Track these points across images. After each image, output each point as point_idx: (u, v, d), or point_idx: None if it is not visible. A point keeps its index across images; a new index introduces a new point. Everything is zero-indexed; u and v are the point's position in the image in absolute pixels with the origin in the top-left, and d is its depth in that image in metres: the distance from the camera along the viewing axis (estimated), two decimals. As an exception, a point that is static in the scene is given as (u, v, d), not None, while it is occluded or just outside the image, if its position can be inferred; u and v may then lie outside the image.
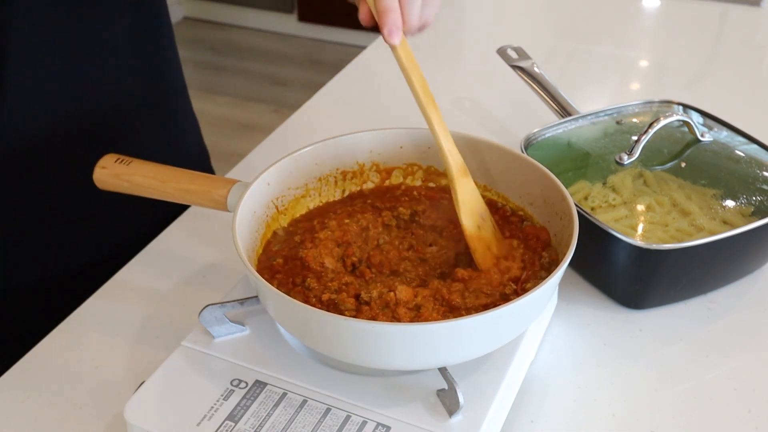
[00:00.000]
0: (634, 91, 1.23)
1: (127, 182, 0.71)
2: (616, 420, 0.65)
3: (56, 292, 0.85)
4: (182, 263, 0.83)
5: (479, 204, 0.67)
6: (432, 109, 0.65)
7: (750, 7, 1.48)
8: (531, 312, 0.60)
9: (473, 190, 0.67)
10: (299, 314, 0.57)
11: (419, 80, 0.64)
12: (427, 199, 0.74)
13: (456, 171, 0.66)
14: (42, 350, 0.72)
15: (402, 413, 0.58)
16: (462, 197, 0.66)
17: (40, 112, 0.79)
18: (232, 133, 2.96)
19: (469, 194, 0.66)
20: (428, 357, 0.57)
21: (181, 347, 0.64)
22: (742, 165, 0.82)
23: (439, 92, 1.17)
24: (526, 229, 0.69)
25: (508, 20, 1.46)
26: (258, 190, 0.68)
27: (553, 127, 0.87)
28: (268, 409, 0.59)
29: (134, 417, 0.58)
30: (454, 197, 0.66)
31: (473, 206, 0.66)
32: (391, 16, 0.61)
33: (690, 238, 0.73)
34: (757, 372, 0.70)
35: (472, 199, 0.66)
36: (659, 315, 0.76)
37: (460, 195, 0.66)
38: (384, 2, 0.61)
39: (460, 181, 0.66)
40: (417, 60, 0.64)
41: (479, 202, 0.67)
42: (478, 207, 0.67)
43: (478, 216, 0.66)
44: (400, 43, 0.62)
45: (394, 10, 0.61)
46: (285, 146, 0.68)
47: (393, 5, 0.61)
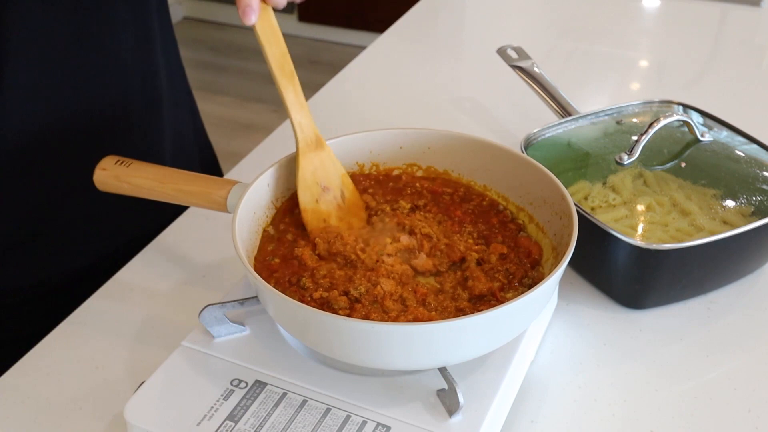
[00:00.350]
0: (634, 91, 1.23)
1: (127, 184, 0.71)
2: (616, 420, 0.65)
3: (56, 293, 0.85)
4: (182, 263, 0.83)
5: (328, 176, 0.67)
6: (286, 81, 0.65)
7: (750, 7, 1.48)
8: (531, 312, 0.60)
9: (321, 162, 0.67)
10: (299, 314, 0.57)
11: (276, 54, 0.64)
12: (429, 192, 0.74)
13: (303, 145, 0.66)
14: (42, 350, 0.72)
15: (402, 413, 0.58)
16: (302, 173, 0.66)
17: (40, 114, 0.79)
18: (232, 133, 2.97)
19: (312, 169, 0.67)
20: (428, 357, 0.57)
21: (181, 347, 0.64)
22: (742, 165, 0.82)
23: (439, 92, 1.18)
24: (521, 240, 0.69)
25: (508, 20, 1.46)
26: (258, 191, 0.68)
27: (553, 127, 0.87)
28: (268, 409, 0.59)
29: (134, 417, 0.58)
30: (295, 172, 0.67)
31: (314, 180, 0.67)
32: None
33: (690, 238, 0.73)
34: (757, 372, 0.70)
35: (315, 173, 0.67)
36: (659, 315, 0.76)
37: (300, 171, 0.67)
38: None
39: (305, 156, 0.67)
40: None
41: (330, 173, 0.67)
42: (323, 179, 0.67)
43: (318, 189, 0.67)
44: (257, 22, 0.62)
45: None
46: (285, 146, 0.68)
47: None
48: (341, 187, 0.68)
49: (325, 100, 1.16)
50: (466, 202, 0.73)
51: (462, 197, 0.74)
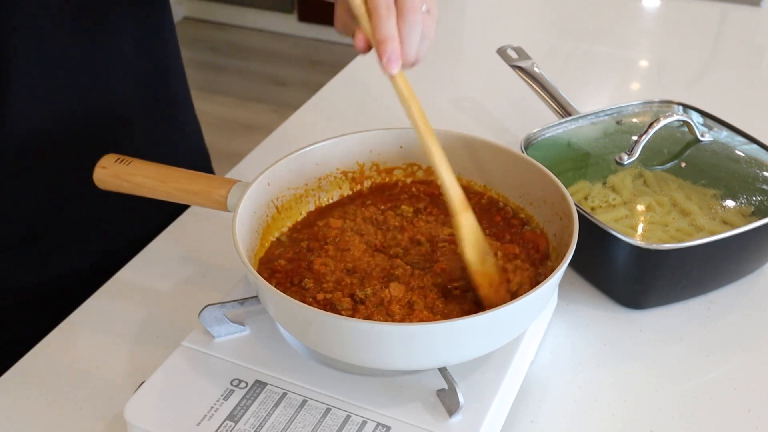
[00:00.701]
0: (634, 91, 1.23)
1: (128, 182, 0.71)
2: (616, 420, 0.65)
3: (58, 294, 0.85)
4: (182, 263, 0.83)
5: (483, 239, 0.64)
6: (432, 141, 0.62)
7: (750, 7, 1.48)
8: (531, 312, 0.60)
9: (475, 225, 0.63)
10: (299, 314, 0.57)
11: (418, 111, 0.61)
12: (426, 195, 0.74)
13: (458, 205, 0.63)
14: (42, 350, 0.72)
15: (402, 413, 0.58)
16: (465, 232, 0.62)
17: (42, 115, 0.79)
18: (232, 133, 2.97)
19: (472, 229, 0.63)
20: (428, 357, 0.57)
21: (181, 347, 0.64)
22: (742, 165, 0.82)
23: (439, 92, 1.18)
24: (526, 234, 0.69)
25: (508, 20, 1.46)
26: (258, 190, 0.68)
27: (553, 127, 0.87)
28: (268, 409, 0.59)
29: (134, 417, 0.58)
30: (456, 232, 0.63)
31: (476, 241, 0.63)
32: (391, 45, 0.58)
33: (690, 238, 0.73)
34: (757, 372, 0.70)
35: (475, 234, 0.63)
36: (659, 315, 0.76)
37: (464, 230, 0.62)
38: (383, 30, 0.58)
39: (462, 216, 0.63)
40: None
41: (482, 236, 0.64)
42: (481, 242, 0.63)
43: (482, 251, 0.63)
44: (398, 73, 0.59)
45: (393, 39, 0.58)
46: (285, 146, 0.68)
47: (393, 34, 0.58)
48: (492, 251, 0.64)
49: (325, 100, 1.16)
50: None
51: None
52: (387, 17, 0.58)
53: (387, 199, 0.75)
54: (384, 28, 0.58)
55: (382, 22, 0.58)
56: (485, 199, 0.74)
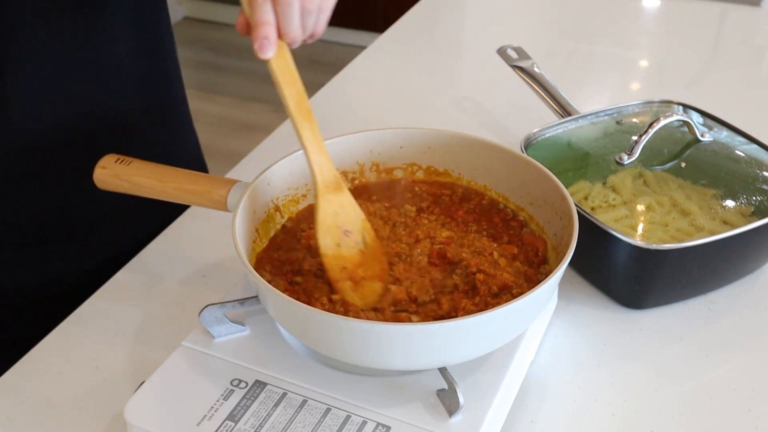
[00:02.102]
0: (634, 91, 1.23)
1: (128, 182, 0.71)
2: (616, 420, 0.65)
3: (59, 296, 0.85)
4: (182, 263, 0.83)
5: (349, 220, 0.64)
6: (305, 124, 0.62)
7: (750, 7, 1.48)
8: (531, 312, 0.60)
9: (341, 205, 0.63)
10: (299, 314, 0.57)
11: (293, 95, 0.61)
12: (429, 195, 0.74)
13: (323, 187, 0.63)
14: (42, 350, 0.72)
15: (402, 413, 0.58)
16: (321, 216, 0.63)
17: (41, 120, 0.79)
18: (232, 133, 2.96)
19: (332, 212, 0.63)
20: (428, 357, 0.57)
21: (181, 347, 0.64)
22: (742, 165, 0.82)
23: (439, 92, 1.18)
24: (525, 236, 0.69)
25: (508, 20, 1.46)
26: (258, 190, 0.68)
27: (553, 127, 0.87)
28: (268, 409, 0.59)
29: (134, 417, 0.58)
30: (314, 214, 0.63)
31: (334, 224, 0.63)
32: (263, 30, 0.58)
33: (690, 238, 0.73)
34: (757, 372, 0.70)
35: (335, 217, 0.63)
36: (659, 315, 0.76)
37: (320, 214, 0.63)
38: (257, 15, 0.58)
39: (324, 198, 0.63)
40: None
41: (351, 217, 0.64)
42: (344, 223, 0.63)
43: (339, 233, 0.63)
44: (274, 56, 0.59)
45: (267, 23, 0.58)
46: (285, 146, 0.68)
47: (266, 18, 0.58)
48: (363, 232, 0.65)
49: (325, 100, 1.16)
50: (466, 201, 0.73)
51: (461, 197, 0.74)
52: (261, 3, 0.58)
53: (391, 196, 0.74)
54: (257, 13, 0.59)
55: (257, 6, 0.58)
56: (486, 199, 0.74)
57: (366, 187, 0.76)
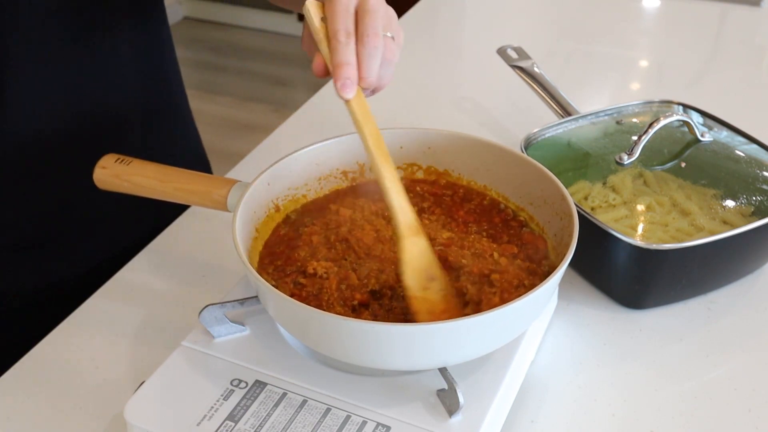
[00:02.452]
0: (634, 91, 1.23)
1: (128, 182, 0.71)
2: (616, 420, 0.65)
3: (60, 297, 0.85)
4: (182, 263, 0.83)
5: (430, 265, 0.63)
6: (386, 165, 0.61)
7: (750, 7, 1.48)
8: (531, 312, 0.60)
9: (424, 251, 0.62)
10: (299, 314, 0.57)
11: (373, 135, 0.61)
12: (430, 195, 0.74)
13: (406, 230, 0.62)
14: (42, 350, 0.72)
15: (402, 413, 0.58)
16: (408, 257, 0.62)
17: (41, 121, 0.79)
18: (232, 133, 2.96)
19: (417, 254, 0.62)
20: (428, 357, 0.57)
21: (181, 347, 0.64)
22: (742, 165, 0.82)
23: (439, 92, 1.18)
24: (525, 236, 0.69)
25: (508, 20, 1.46)
26: (258, 190, 0.68)
27: (553, 127, 0.87)
28: (268, 409, 0.59)
29: (134, 417, 0.58)
30: (399, 256, 0.62)
31: (420, 267, 0.62)
32: (346, 70, 0.58)
33: (690, 238, 0.73)
34: (757, 372, 0.70)
35: (420, 260, 0.62)
36: (659, 315, 0.76)
37: (406, 255, 0.62)
38: (340, 56, 0.58)
39: (408, 240, 0.62)
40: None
41: (431, 262, 0.63)
42: (427, 268, 0.63)
43: (425, 277, 0.62)
44: (353, 98, 0.59)
45: (349, 64, 0.58)
46: (285, 146, 0.68)
47: (349, 59, 0.58)
48: (441, 278, 0.63)
49: (326, 100, 1.16)
50: (467, 201, 0.73)
51: (462, 197, 0.74)
52: (345, 43, 0.58)
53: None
54: (341, 53, 0.58)
55: (340, 47, 0.58)
56: (487, 200, 0.74)
57: (369, 186, 0.76)
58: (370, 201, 0.73)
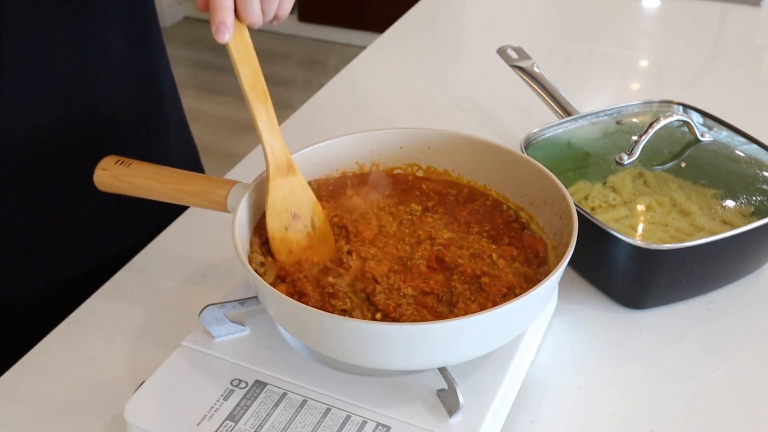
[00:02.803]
0: (634, 91, 1.23)
1: (128, 184, 0.71)
2: (616, 420, 0.65)
3: (56, 296, 0.84)
4: (182, 263, 0.83)
5: (299, 204, 0.65)
6: (260, 105, 0.63)
7: (750, 7, 1.48)
8: (531, 312, 0.60)
9: (292, 189, 0.65)
10: (299, 314, 0.57)
11: (248, 76, 0.62)
12: (435, 194, 0.74)
13: (274, 170, 0.64)
14: (42, 350, 0.72)
15: (402, 413, 0.58)
16: (271, 199, 0.64)
17: (34, 123, 0.78)
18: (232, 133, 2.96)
19: (282, 195, 0.64)
20: (428, 357, 0.57)
21: (181, 347, 0.64)
22: (742, 165, 0.82)
23: (439, 92, 1.18)
24: (526, 238, 0.69)
25: (508, 20, 1.46)
26: (258, 191, 0.68)
27: (553, 127, 0.87)
28: (268, 409, 0.59)
29: (134, 417, 0.58)
30: (264, 197, 0.65)
31: (284, 207, 0.65)
32: (220, 14, 0.59)
33: (690, 238, 0.73)
34: (757, 372, 0.70)
35: (287, 200, 0.64)
36: (659, 315, 0.76)
37: (270, 197, 0.64)
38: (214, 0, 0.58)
39: (275, 181, 0.64)
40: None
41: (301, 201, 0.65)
42: (293, 207, 0.65)
43: (288, 216, 0.64)
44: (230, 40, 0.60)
45: (224, 7, 0.59)
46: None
47: (224, 3, 0.59)
48: (312, 215, 0.66)
49: (325, 100, 1.16)
50: (471, 202, 0.73)
51: (466, 197, 0.74)
52: None
53: (401, 192, 0.74)
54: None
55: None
56: (490, 200, 0.74)
57: (378, 180, 0.76)
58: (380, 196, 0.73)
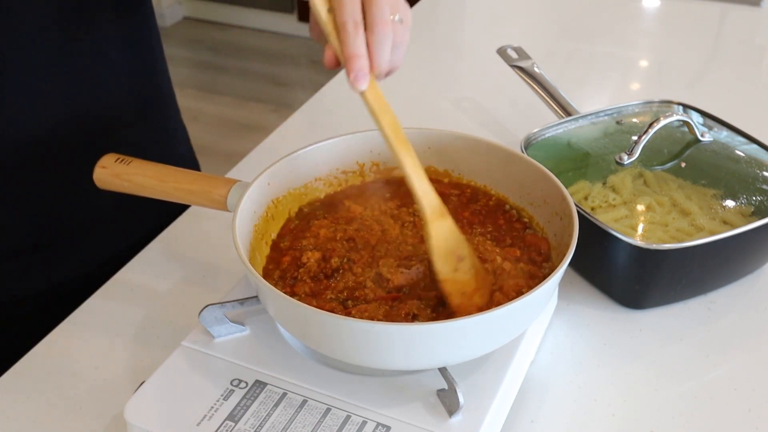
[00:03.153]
0: (634, 91, 1.23)
1: (128, 182, 0.71)
2: (616, 420, 0.65)
3: (56, 297, 0.84)
4: (182, 263, 0.83)
5: (458, 245, 0.63)
6: (405, 152, 0.61)
7: (750, 7, 1.48)
8: (531, 312, 0.60)
9: (450, 232, 0.62)
10: (299, 314, 0.57)
11: (390, 124, 0.60)
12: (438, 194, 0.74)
13: (431, 213, 0.61)
14: (42, 350, 0.72)
15: (402, 413, 0.58)
16: (436, 242, 0.61)
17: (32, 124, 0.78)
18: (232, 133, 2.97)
19: (444, 237, 0.62)
20: (428, 357, 0.57)
21: (181, 347, 0.64)
22: (742, 165, 0.82)
23: (439, 92, 1.18)
24: (528, 237, 0.69)
25: (508, 20, 1.46)
26: (258, 190, 0.68)
27: (553, 127, 0.87)
28: (268, 409, 0.59)
29: (134, 417, 0.58)
30: (426, 241, 0.62)
31: (448, 249, 0.62)
32: (359, 62, 0.57)
33: (690, 238, 0.73)
34: (757, 372, 0.70)
35: (448, 242, 0.62)
36: (659, 315, 0.76)
37: (434, 239, 0.61)
38: (351, 48, 0.57)
39: (434, 224, 0.61)
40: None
41: (458, 242, 0.63)
42: (455, 248, 0.63)
43: (454, 259, 0.62)
44: (367, 89, 0.59)
45: (361, 56, 0.57)
46: (285, 146, 0.68)
47: (360, 51, 0.57)
48: (471, 256, 0.63)
49: (326, 100, 1.16)
50: (473, 202, 0.73)
51: (469, 198, 0.74)
52: (354, 34, 0.57)
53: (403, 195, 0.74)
54: (351, 45, 0.57)
55: (350, 38, 0.57)
56: (492, 201, 0.74)
57: (378, 184, 0.76)
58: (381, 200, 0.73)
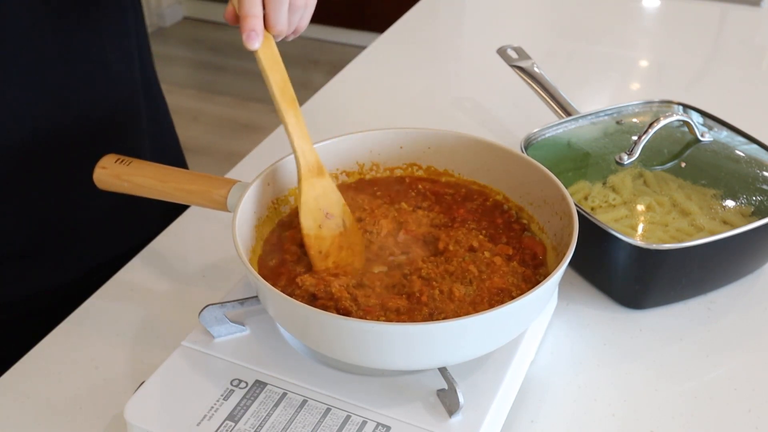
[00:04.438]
0: (634, 91, 1.23)
1: (127, 182, 0.71)
2: (616, 420, 0.65)
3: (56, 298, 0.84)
4: (182, 263, 0.83)
5: (331, 204, 0.67)
6: (290, 110, 0.65)
7: (750, 7, 1.48)
8: (531, 312, 0.60)
9: (324, 190, 0.67)
10: (299, 314, 0.57)
11: (278, 82, 0.64)
12: (432, 194, 0.74)
13: (306, 171, 0.66)
14: (42, 350, 0.72)
15: (402, 413, 0.58)
16: (305, 197, 0.66)
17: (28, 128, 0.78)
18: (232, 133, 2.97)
19: (315, 195, 0.66)
20: (428, 357, 0.57)
21: (181, 347, 0.64)
22: (742, 165, 0.82)
23: (439, 92, 1.18)
24: (525, 240, 0.69)
25: (508, 20, 1.46)
26: (258, 190, 0.68)
27: (553, 127, 0.87)
28: (268, 409, 0.59)
29: (134, 417, 0.58)
30: (297, 197, 0.67)
31: (317, 206, 0.67)
32: (251, 22, 0.61)
33: (690, 238, 0.73)
34: (757, 372, 0.70)
35: (319, 200, 0.67)
36: (659, 315, 0.76)
37: (304, 195, 0.66)
38: (246, 8, 0.60)
39: (307, 182, 0.66)
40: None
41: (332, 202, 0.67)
42: (326, 206, 0.67)
43: (321, 215, 0.67)
44: (260, 47, 0.62)
45: (254, 16, 0.61)
46: (285, 146, 0.68)
47: (254, 12, 0.61)
48: (342, 215, 0.68)
49: (325, 100, 1.16)
50: (469, 201, 0.73)
51: (464, 197, 0.74)
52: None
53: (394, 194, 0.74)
54: (246, 5, 0.61)
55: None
56: (490, 201, 0.74)
57: (371, 182, 0.76)
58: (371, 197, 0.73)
